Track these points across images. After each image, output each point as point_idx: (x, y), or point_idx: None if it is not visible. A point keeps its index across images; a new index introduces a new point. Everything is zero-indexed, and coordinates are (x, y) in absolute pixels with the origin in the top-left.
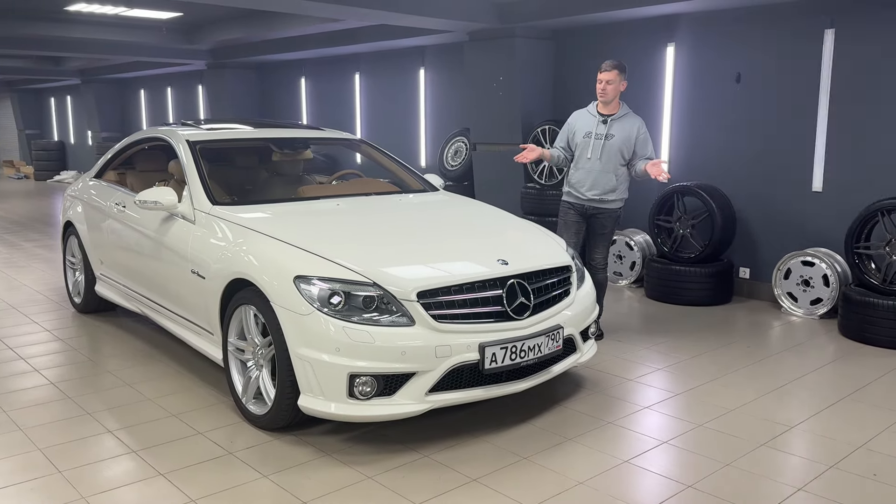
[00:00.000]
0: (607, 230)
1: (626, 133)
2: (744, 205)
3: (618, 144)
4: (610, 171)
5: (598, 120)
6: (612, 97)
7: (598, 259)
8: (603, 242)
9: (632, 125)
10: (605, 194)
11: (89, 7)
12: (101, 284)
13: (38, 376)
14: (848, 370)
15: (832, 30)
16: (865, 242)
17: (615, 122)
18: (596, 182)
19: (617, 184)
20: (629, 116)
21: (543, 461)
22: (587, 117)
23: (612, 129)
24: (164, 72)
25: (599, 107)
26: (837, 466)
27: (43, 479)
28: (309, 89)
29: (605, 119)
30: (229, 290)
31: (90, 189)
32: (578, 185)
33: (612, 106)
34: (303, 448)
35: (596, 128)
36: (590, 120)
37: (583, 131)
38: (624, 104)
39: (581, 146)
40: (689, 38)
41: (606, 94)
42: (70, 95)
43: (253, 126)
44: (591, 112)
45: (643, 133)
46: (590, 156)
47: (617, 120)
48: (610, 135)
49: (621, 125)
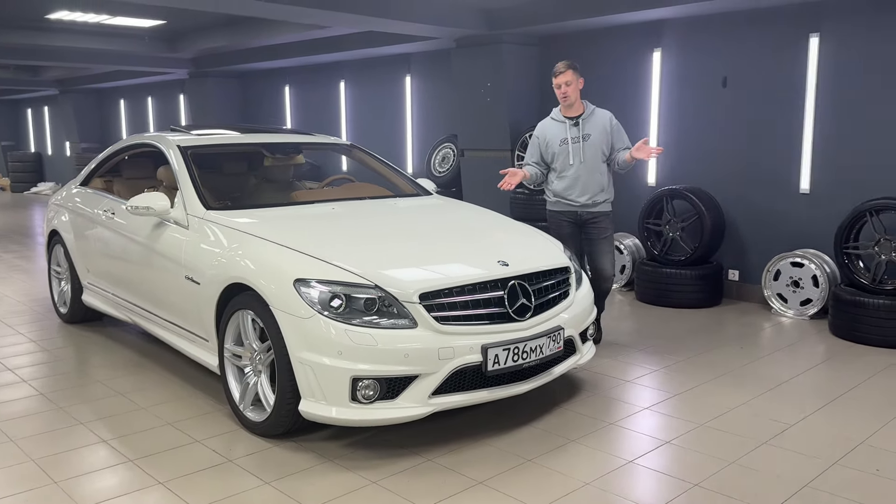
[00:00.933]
0: (608, 232)
1: (600, 129)
2: (732, 207)
3: (597, 142)
4: (595, 172)
5: (569, 124)
6: (574, 98)
7: (608, 268)
8: (608, 248)
9: (603, 119)
10: (596, 195)
11: (71, 15)
12: (88, 294)
13: (27, 387)
14: (842, 369)
15: (817, 34)
16: (854, 242)
17: (587, 122)
18: (586, 186)
19: (605, 182)
20: (597, 112)
21: (548, 463)
22: (555, 125)
23: (586, 129)
24: (145, 81)
25: (564, 111)
26: (840, 463)
27: (39, 489)
28: (293, 98)
29: (576, 121)
30: (225, 296)
31: (76, 197)
32: (567, 193)
33: (577, 107)
34: (303, 454)
35: (569, 132)
36: (559, 127)
37: (557, 139)
38: (587, 102)
39: (560, 154)
40: (676, 43)
41: (568, 96)
42: (48, 106)
43: (242, 132)
44: (556, 119)
45: (615, 124)
46: (572, 161)
47: (588, 119)
48: (586, 135)
49: (594, 122)
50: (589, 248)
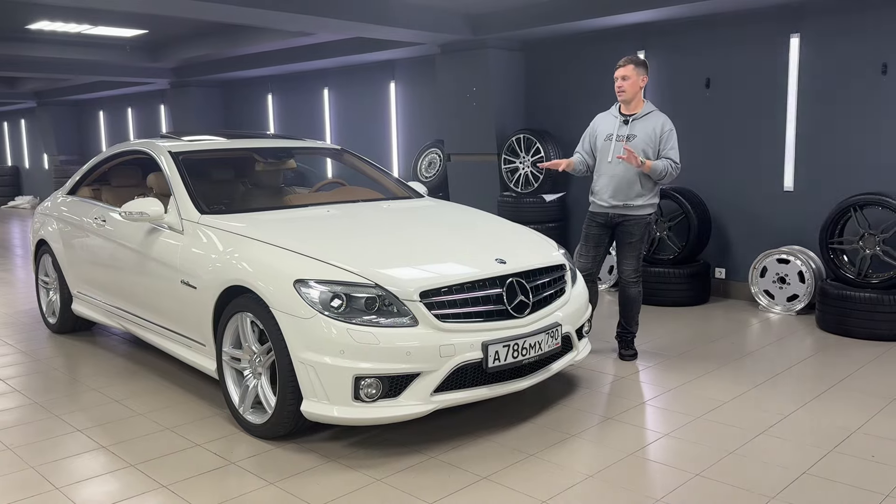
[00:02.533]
0: (635, 239)
1: (648, 132)
2: (717, 206)
3: (640, 145)
4: (633, 175)
5: (620, 121)
6: (632, 95)
7: (628, 272)
8: (632, 253)
9: (655, 123)
10: (629, 200)
11: (52, 25)
12: (78, 303)
13: (20, 396)
14: (831, 361)
15: (798, 34)
16: (839, 238)
17: (637, 122)
18: (619, 188)
19: (643, 188)
20: (653, 115)
21: (550, 457)
22: (608, 120)
23: (633, 130)
24: (125, 92)
25: (622, 107)
26: (837, 450)
27: (41, 496)
28: (276, 105)
29: (627, 119)
30: (222, 300)
31: (63, 206)
32: (601, 193)
33: (635, 104)
34: (306, 455)
35: (617, 129)
36: (611, 122)
37: (604, 134)
38: (648, 102)
39: (602, 150)
40: (659, 45)
41: (625, 91)
42: (24, 119)
43: (232, 138)
44: (612, 114)
45: (667, 130)
46: (610, 159)
47: (639, 119)
48: (631, 135)
49: (644, 124)
50: (617, 250)
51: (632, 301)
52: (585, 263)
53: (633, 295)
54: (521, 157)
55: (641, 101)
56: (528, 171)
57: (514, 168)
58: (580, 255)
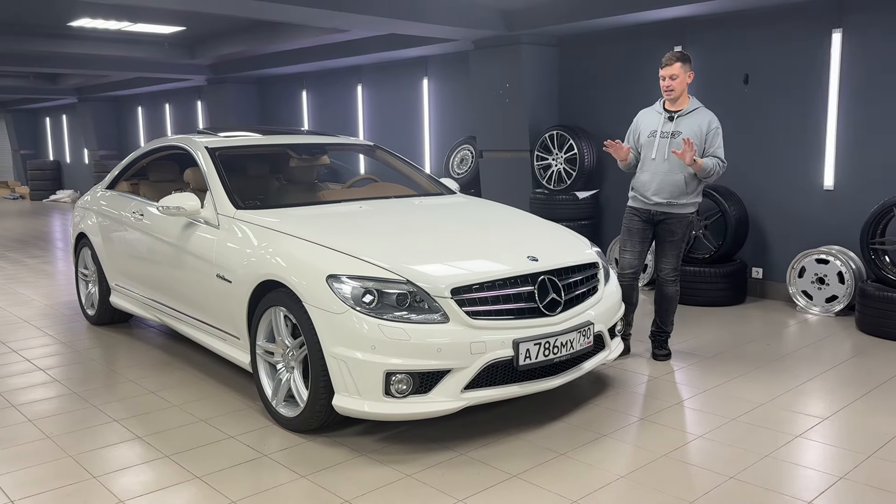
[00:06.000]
0: (676, 237)
1: (694, 129)
2: (755, 204)
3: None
4: (677, 173)
5: (664, 117)
6: (680, 92)
7: (667, 270)
8: (672, 251)
9: (701, 120)
10: (672, 198)
11: (93, 22)
12: (116, 295)
13: (60, 385)
14: (871, 364)
15: (840, 29)
16: (881, 238)
17: (683, 119)
18: (662, 185)
19: (686, 187)
20: (699, 112)
21: (581, 457)
22: (652, 116)
23: (678, 126)
24: (163, 88)
25: (667, 103)
26: (876, 455)
27: (78, 484)
28: (310, 102)
29: (672, 115)
30: (257, 293)
31: (103, 200)
32: (643, 189)
33: (681, 101)
34: (337, 449)
35: (662, 126)
36: (655, 118)
37: (648, 130)
38: (694, 98)
39: (646, 146)
40: (697, 41)
41: (673, 90)
42: (66, 115)
43: (267, 133)
44: (657, 109)
45: (714, 127)
46: (654, 156)
47: (685, 116)
48: (676, 132)
49: (689, 121)
50: (656, 247)
51: (669, 300)
52: (631, 260)
53: (671, 294)
54: (553, 153)
55: (687, 98)
56: (561, 168)
57: (546, 165)
58: (624, 250)
